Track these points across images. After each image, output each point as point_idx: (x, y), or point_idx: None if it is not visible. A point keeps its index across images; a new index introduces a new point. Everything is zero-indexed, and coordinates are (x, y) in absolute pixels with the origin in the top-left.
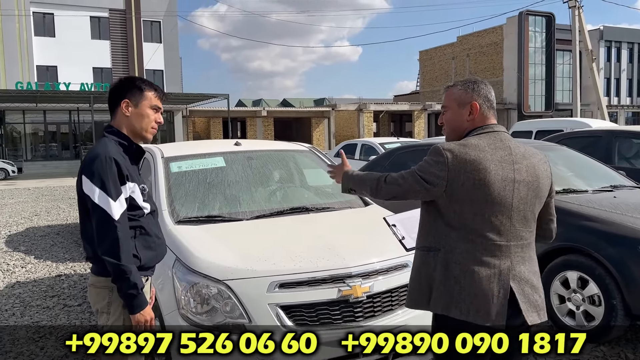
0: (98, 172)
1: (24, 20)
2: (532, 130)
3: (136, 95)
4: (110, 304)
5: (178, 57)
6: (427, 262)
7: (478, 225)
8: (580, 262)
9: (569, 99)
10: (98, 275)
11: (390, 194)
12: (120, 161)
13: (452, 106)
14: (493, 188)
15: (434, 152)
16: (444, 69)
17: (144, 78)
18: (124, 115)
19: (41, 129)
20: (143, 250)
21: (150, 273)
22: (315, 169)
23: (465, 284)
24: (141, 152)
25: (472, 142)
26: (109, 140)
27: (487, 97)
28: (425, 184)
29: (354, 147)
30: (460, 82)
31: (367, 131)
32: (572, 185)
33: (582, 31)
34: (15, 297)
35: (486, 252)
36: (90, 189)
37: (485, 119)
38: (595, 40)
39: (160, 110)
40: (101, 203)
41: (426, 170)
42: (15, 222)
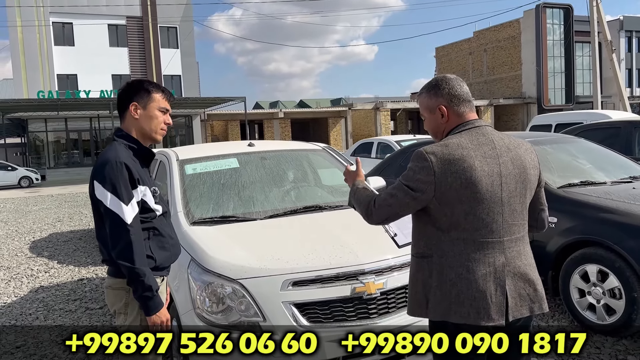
0: (109, 177)
1: (44, 31)
2: (551, 124)
3: (144, 98)
4: (127, 305)
5: (195, 62)
6: (421, 269)
7: (470, 224)
8: (600, 255)
9: (589, 92)
10: (114, 277)
11: (382, 217)
12: (131, 165)
13: (425, 113)
14: (481, 185)
15: (417, 157)
16: (461, 65)
17: (151, 80)
18: (133, 118)
19: (63, 136)
20: (158, 250)
21: (166, 273)
22: (329, 169)
23: (462, 287)
24: (151, 154)
25: (454, 142)
26: (119, 144)
27: (453, 94)
28: (414, 193)
29: (370, 146)
30: (425, 88)
31: (384, 130)
32: (590, 178)
33: (601, 22)
34: (39, 301)
35: (480, 251)
36: (102, 194)
37: (461, 116)
38: (615, 31)
39: (168, 112)
40: (113, 207)
41: (412, 179)
42: (39, 228)
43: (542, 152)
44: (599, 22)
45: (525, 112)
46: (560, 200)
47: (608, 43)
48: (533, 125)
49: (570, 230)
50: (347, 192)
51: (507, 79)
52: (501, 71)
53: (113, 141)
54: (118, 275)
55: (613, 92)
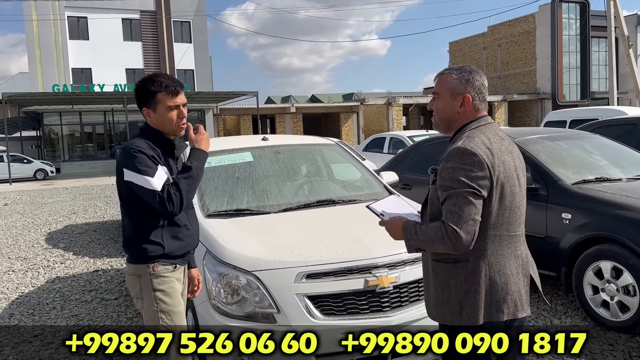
0: (129, 160)
1: (59, 25)
2: (566, 120)
3: (150, 101)
4: (142, 290)
5: (208, 56)
6: (456, 274)
7: (506, 220)
8: (614, 252)
9: (605, 88)
10: (130, 262)
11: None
12: (148, 149)
13: (444, 95)
14: (513, 179)
15: (463, 154)
16: (475, 60)
17: (155, 76)
18: (149, 120)
19: (77, 130)
20: (169, 239)
21: (180, 262)
22: (342, 163)
23: (502, 283)
24: (170, 144)
25: (481, 137)
26: (139, 137)
27: (481, 89)
28: (482, 192)
29: (383, 141)
30: (456, 70)
31: (396, 125)
32: (605, 174)
33: (618, 17)
34: (55, 291)
35: (512, 246)
36: (130, 176)
37: (477, 112)
38: (632, 26)
39: (179, 105)
40: (142, 183)
41: (472, 178)
42: (55, 220)
43: (556, 148)
44: (615, 16)
45: (539, 108)
46: (575, 197)
47: (625, 38)
48: (547, 121)
49: (585, 227)
50: (360, 186)
51: (521, 74)
52: (515, 66)
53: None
54: (132, 261)
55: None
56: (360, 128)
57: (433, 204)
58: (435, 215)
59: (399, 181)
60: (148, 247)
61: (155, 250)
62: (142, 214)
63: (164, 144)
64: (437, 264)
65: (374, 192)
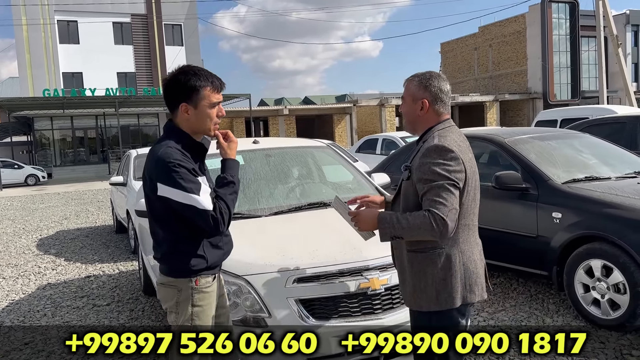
0: (168, 175)
1: (49, 29)
2: (556, 119)
3: (193, 97)
4: (179, 304)
5: (200, 59)
6: (433, 262)
7: (472, 211)
8: (604, 250)
9: (595, 87)
10: (166, 275)
11: (454, 222)
12: (186, 161)
13: (407, 99)
14: (475, 174)
15: (441, 150)
16: (466, 60)
17: (197, 69)
18: (185, 118)
19: (69, 134)
20: (210, 249)
21: (217, 271)
22: (334, 165)
23: (473, 268)
24: (203, 149)
25: (453, 136)
26: (170, 141)
27: (438, 94)
28: (459, 184)
29: (375, 142)
30: (418, 76)
31: (389, 126)
32: (595, 173)
33: (607, 16)
34: (46, 298)
35: (475, 234)
36: (174, 193)
37: (439, 115)
38: (622, 25)
39: (220, 102)
40: (189, 201)
41: (450, 171)
42: (46, 225)
43: (547, 148)
44: (604, 16)
45: (530, 108)
46: (565, 196)
47: (614, 37)
48: (538, 120)
49: (575, 226)
50: (351, 188)
51: (512, 74)
52: (506, 66)
53: (164, 137)
54: (169, 274)
55: (619, 87)
56: (353, 129)
57: (408, 198)
58: (410, 208)
59: (390, 182)
60: (191, 261)
61: (199, 263)
62: (181, 227)
63: (194, 148)
64: (414, 254)
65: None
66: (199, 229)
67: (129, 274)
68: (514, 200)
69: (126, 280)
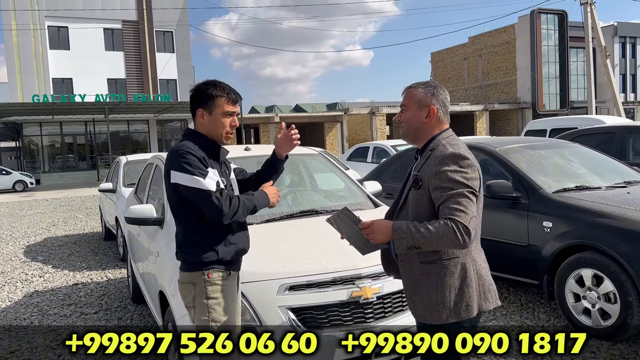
0: (180, 161)
1: (39, 34)
2: (546, 129)
3: (209, 104)
4: (195, 298)
5: (191, 66)
6: (450, 272)
7: (479, 218)
8: (595, 260)
9: (584, 97)
10: (183, 270)
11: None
12: (196, 150)
13: (411, 107)
14: (481, 182)
15: (457, 157)
16: (456, 70)
17: (217, 82)
18: (201, 123)
19: (58, 140)
20: (221, 244)
21: (234, 268)
22: (326, 173)
23: (485, 275)
24: (217, 147)
25: (459, 144)
26: (186, 138)
27: (444, 102)
28: (476, 192)
29: (366, 150)
30: (422, 85)
31: (380, 134)
32: (585, 182)
33: (595, 28)
34: (33, 306)
35: (479, 245)
36: (181, 177)
37: (441, 124)
38: (609, 37)
39: (234, 114)
40: (192, 184)
41: (468, 178)
42: (34, 232)
43: (537, 157)
44: (593, 27)
45: (520, 117)
46: (555, 205)
47: (602, 48)
48: (528, 130)
49: (566, 235)
50: (343, 195)
51: (502, 84)
52: (496, 76)
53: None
54: (186, 269)
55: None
56: (344, 137)
57: (419, 207)
58: (420, 217)
59: (382, 190)
60: (201, 253)
61: (210, 255)
62: (192, 218)
63: (209, 147)
64: (429, 265)
65: (357, 202)
66: (203, 214)
67: (117, 281)
68: (505, 209)
69: (114, 288)
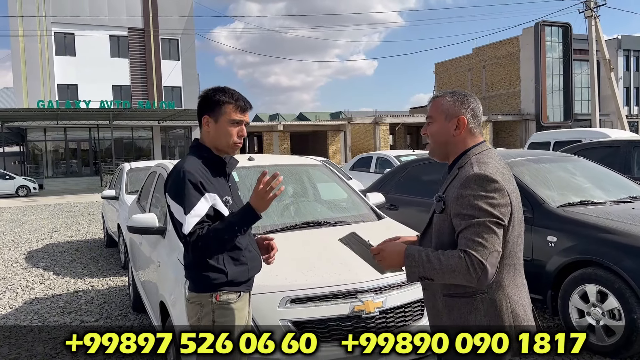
0: (174, 186)
1: (45, 41)
2: (550, 141)
3: (215, 110)
4: (201, 320)
5: (196, 73)
6: (475, 309)
7: (518, 247)
8: (599, 275)
9: (588, 109)
10: (191, 290)
11: (495, 267)
12: (196, 172)
13: (438, 118)
14: (519, 205)
15: (485, 180)
16: (460, 81)
17: (226, 89)
18: (206, 130)
19: (62, 146)
20: (231, 264)
21: (244, 288)
22: (328, 183)
23: (523, 315)
24: (222, 163)
25: (494, 163)
26: (190, 155)
27: (476, 111)
28: (504, 221)
29: (369, 160)
30: (450, 93)
31: (383, 144)
32: (589, 197)
33: (599, 41)
34: (33, 313)
35: (521, 274)
36: (170, 202)
37: (474, 137)
38: (614, 50)
39: (242, 123)
40: (177, 215)
41: (495, 205)
42: (36, 238)
43: (541, 170)
44: (597, 40)
45: (523, 129)
46: (560, 220)
47: (606, 61)
48: (532, 142)
49: (570, 250)
50: (346, 207)
51: (505, 95)
52: (500, 88)
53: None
54: (193, 289)
55: (611, 110)
56: (347, 146)
57: (442, 234)
58: (444, 246)
59: (385, 202)
60: (210, 275)
61: (219, 277)
62: None
63: (214, 162)
64: (451, 299)
65: (360, 214)
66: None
67: (118, 289)
68: None
69: (115, 296)
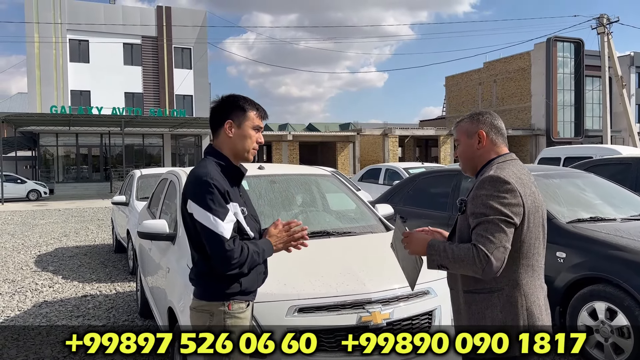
0: (204, 195)
1: (60, 47)
2: (560, 157)
3: (239, 116)
4: (210, 329)
5: (207, 82)
6: (492, 305)
7: (536, 250)
8: (609, 293)
9: (599, 126)
10: (199, 298)
11: (501, 262)
12: (220, 181)
13: (462, 138)
14: (540, 211)
15: (496, 182)
16: (471, 95)
17: (246, 97)
18: (227, 136)
19: (73, 151)
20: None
21: (252, 298)
22: (337, 194)
23: (538, 315)
24: (239, 173)
25: (512, 168)
26: (209, 161)
27: (493, 124)
28: (514, 220)
29: (378, 172)
30: (467, 116)
31: (392, 156)
32: (600, 213)
33: (612, 57)
34: (42, 316)
35: (540, 277)
36: (200, 213)
37: (498, 148)
38: (626, 67)
39: (261, 130)
40: (211, 226)
41: (506, 205)
42: (45, 242)
43: (552, 186)
44: (609, 57)
45: (534, 144)
46: (569, 236)
47: (619, 78)
48: (542, 157)
49: (579, 266)
50: (354, 218)
51: (516, 110)
52: (510, 102)
53: (204, 158)
54: (202, 297)
55: (622, 127)
56: (356, 158)
57: (462, 232)
58: (464, 242)
59: (394, 214)
60: (225, 284)
61: (233, 287)
62: None
63: (232, 171)
64: (471, 295)
65: (369, 225)
66: (208, 257)
67: (126, 295)
68: None
69: (123, 301)
